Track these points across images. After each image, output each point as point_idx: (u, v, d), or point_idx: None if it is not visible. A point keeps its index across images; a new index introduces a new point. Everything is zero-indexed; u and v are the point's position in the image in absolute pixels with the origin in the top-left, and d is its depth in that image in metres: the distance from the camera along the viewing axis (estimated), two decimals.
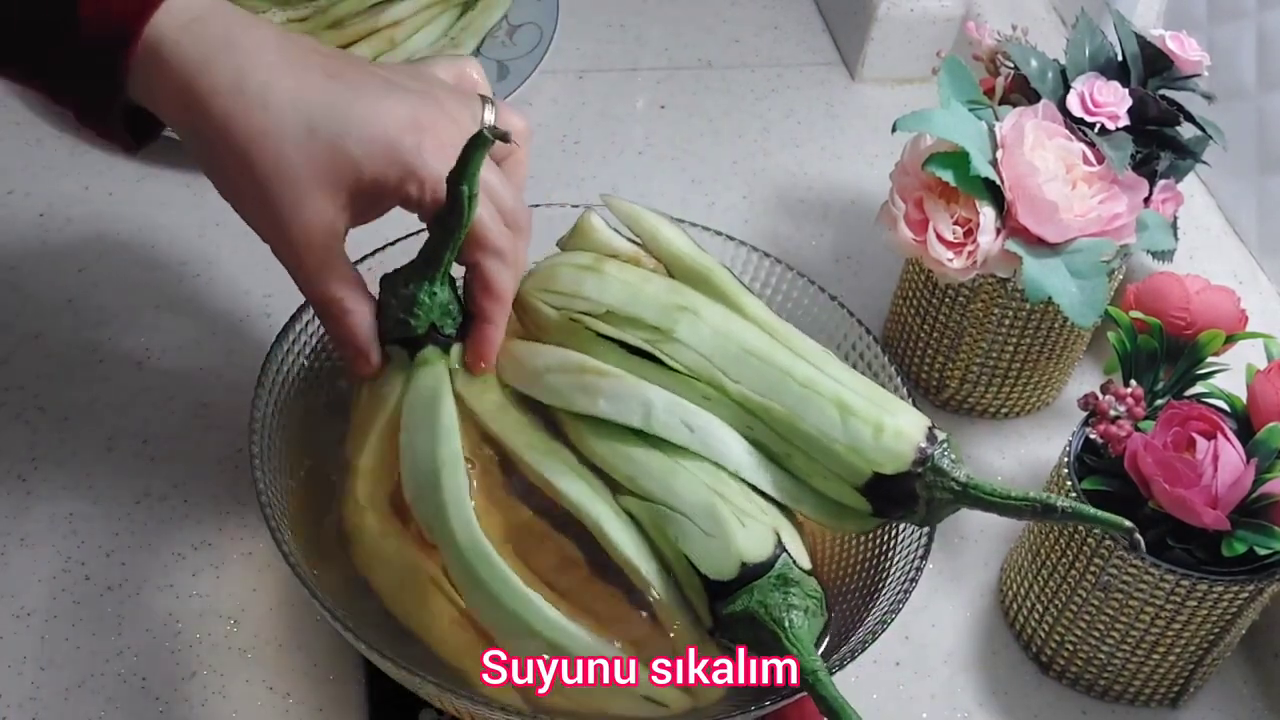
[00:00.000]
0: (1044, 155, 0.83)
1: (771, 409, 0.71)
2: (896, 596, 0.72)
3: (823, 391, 0.71)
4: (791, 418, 0.71)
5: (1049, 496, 0.67)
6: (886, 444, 0.69)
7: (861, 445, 0.70)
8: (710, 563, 0.68)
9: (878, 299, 1.01)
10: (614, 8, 1.23)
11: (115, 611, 0.80)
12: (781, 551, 0.69)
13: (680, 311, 0.73)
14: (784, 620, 0.67)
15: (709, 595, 0.69)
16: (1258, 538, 0.74)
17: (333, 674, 0.79)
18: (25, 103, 1.06)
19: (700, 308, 0.74)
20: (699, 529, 0.69)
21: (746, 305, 0.75)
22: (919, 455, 0.69)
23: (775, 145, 1.13)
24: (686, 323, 0.73)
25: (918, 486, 0.69)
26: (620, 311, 0.74)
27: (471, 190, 0.69)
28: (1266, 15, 0.97)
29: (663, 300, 0.74)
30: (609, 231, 0.78)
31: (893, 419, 0.70)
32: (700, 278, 0.76)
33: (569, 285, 0.75)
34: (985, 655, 0.85)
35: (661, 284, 0.75)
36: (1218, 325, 0.82)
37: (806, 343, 0.74)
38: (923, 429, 0.70)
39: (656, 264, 0.77)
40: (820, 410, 0.70)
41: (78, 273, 0.96)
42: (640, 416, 0.71)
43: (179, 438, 0.88)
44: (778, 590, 0.68)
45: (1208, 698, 0.85)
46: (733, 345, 0.72)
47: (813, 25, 1.24)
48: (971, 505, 0.69)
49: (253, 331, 0.94)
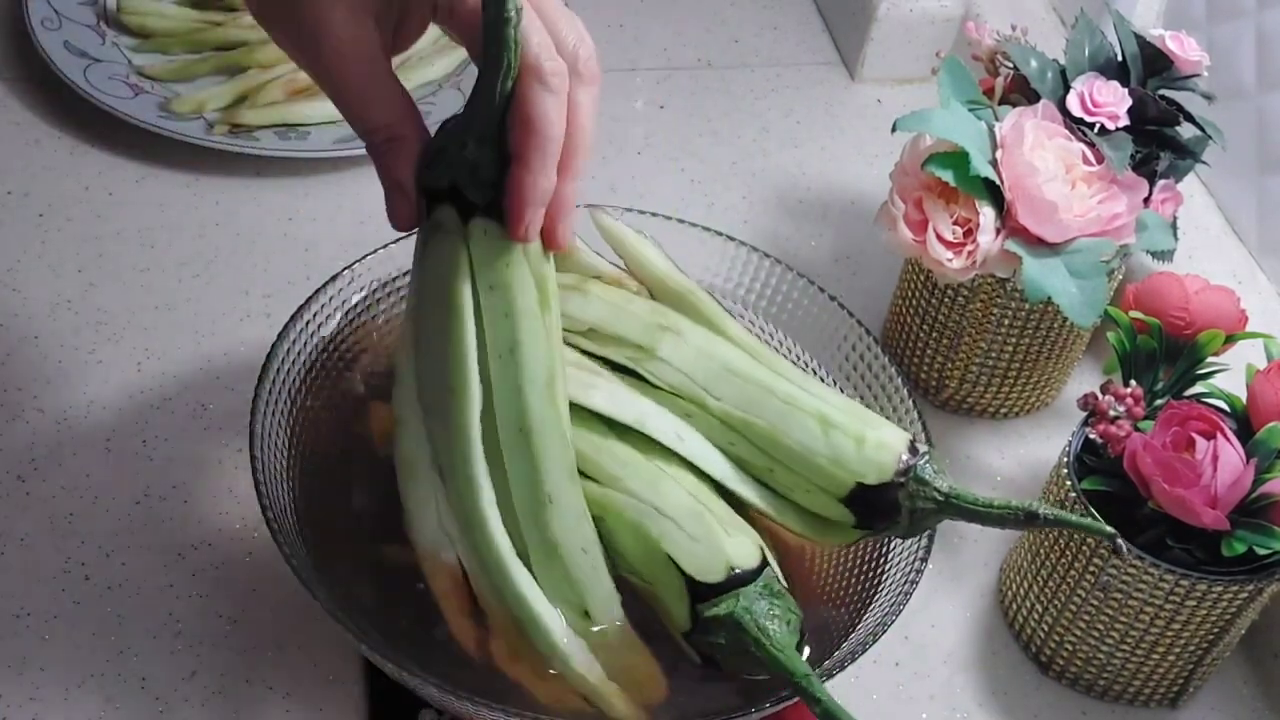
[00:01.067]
0: (1044, 155, 0.83)
1: (753, 424, 0.72)
2: (896, 598, 0.72)
3: (804, 407, 0.72)
4: (773, 433, 0.71)
5: (1031, 504, 0.67)
6: (869, 454, 0.70)
7: (844, 457, 0.70)
8: (697, 564, 0.69)
9: (877, 299, 1.01)
10: (613, 8, 1.23)
11: (115, 611, 0.80)
12: (767, 565, 0.70)
13: (663, 331, 0.74)
14: (767, 629, 0.67)
15: (691, 596, 0.69)
16: (1257, 538, 0.74)
17: (333, 674, 0.79)
18: (25, 103, 1.06)
19: (683, 328, 0.75)
20: (684, 532, 0.69)
21: (729, 328, 0.76)
22: (902, 465, 0.70)
23: (775, 145, 1.13)
24: (669, 342, 0.74)
25: (900, 497, 0.70)
26: (603, 330, 0.74)
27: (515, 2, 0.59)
28: (1266, 15, 0.97)
29: (645, 320, 0.74)
30: (591, 254, 0.78)
31: (875, 431, 0.71)
32: (683, 300, 0.77)
33: None
34: (985, 655, 0.85)
35: (644, 305, 0.76)
36: (1217, 325, 0.82)
37: (786, 364, 0.75)
38: (904, 441, 0.71)
39: (639, 287, 0.78)
40: (802, 424, 0.71)
41: (77, 273, 0.96)
42: (634, 415, 0.72)
43: (179, 438, 0.88)
44: (763, 599, 0.68)
45: (1208, 698, 0.85)
46: (715, 364, 0.73)
47: (812, 25, 1.24)
48: (955, 516, 0.69)
49: (253, 331, 0.94)
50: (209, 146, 1.02)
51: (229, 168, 1.03)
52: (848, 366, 0.81)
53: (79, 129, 1.05)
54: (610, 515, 0.70)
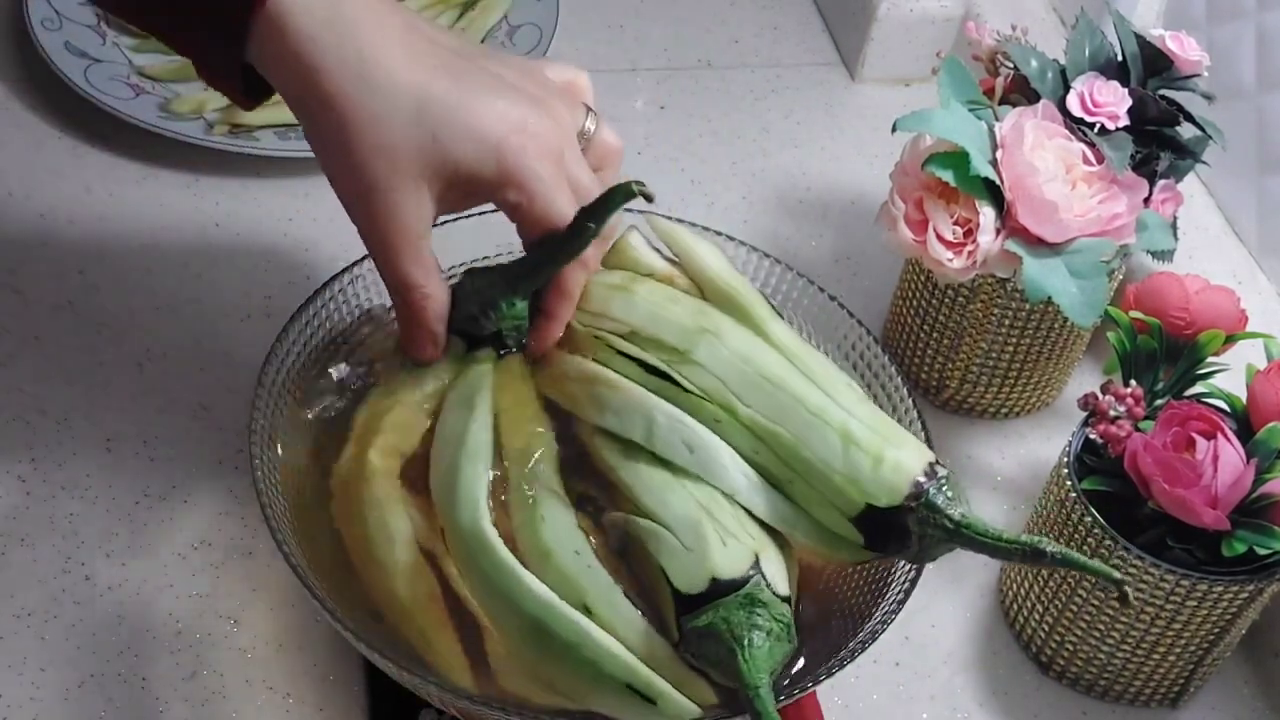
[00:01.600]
0: (1044, 155, 0.83)
1: (779, 434, 0.71)
2: (896, 598, 0.72)
3: (830, 420, 0.71)
4: (796, 444, 0.71)
5: (1039, 541, 0.67)
6: (883, 476, 0.69)
7: (859, 476, 0.70)
8: (682, 576, 0.68)
9: (878, 299, 1.01)
10: (613, 8, 1.23)
11: (115, 611, 0.80)
12: (756, 573, 0.68)
13: (702, 334, 0.74)
14: (744, 639, 0.66)
15: (677, 608, 0.68)
16: (1258, 538, 0.74)
17: (333, 674, 0.79)
18: (26, 104, 1.06)
19: (724, 330, 0.74)
20: (679, 543, 0.69)
21: (772, 331, 0.75)
22: (913, 490, 0.69)
23: (775, 145, 1.13)
24: (706, 345, 0.74)
25: (910, 522, 0.69)
26: (643, 332, 0.75)
27: (598, 231, 0.70)
28: (1266, 15, 0.97)
29: (686, 323, 0.75)
30: (647, 250, 0.79)
31: (895, 451, 0.70)
32: (730, 300, 0.76)
33: (598, 304, 0.76)
34: (985, 655, 0.85)
35: (689, 305, 0.76)
36: (1217, 325, 0.82)
37: (828, 370, 0.74)
38: (924, 463, 0.70)
39: (690, 285, 0.78)
40: (824, 438, 0.71)
41: (78, 274, 0.96)
42: (643, 433, 0.72)
43: (179, 438, 0.88)
44: (743, 609, 0.67)
45: (1208, 698, 0.85)
46: (750, 370, 0.73)
47: (812, 25, 1.24)
48: (964, 545, 0.69)
49: (253, 331, 0.94)
50: (209, 146, 1.02)
51: (229, 168, 1.03)
52: (848, 366, 0.81)
53: (80, 130, 1.05)
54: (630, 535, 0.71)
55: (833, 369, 0.74)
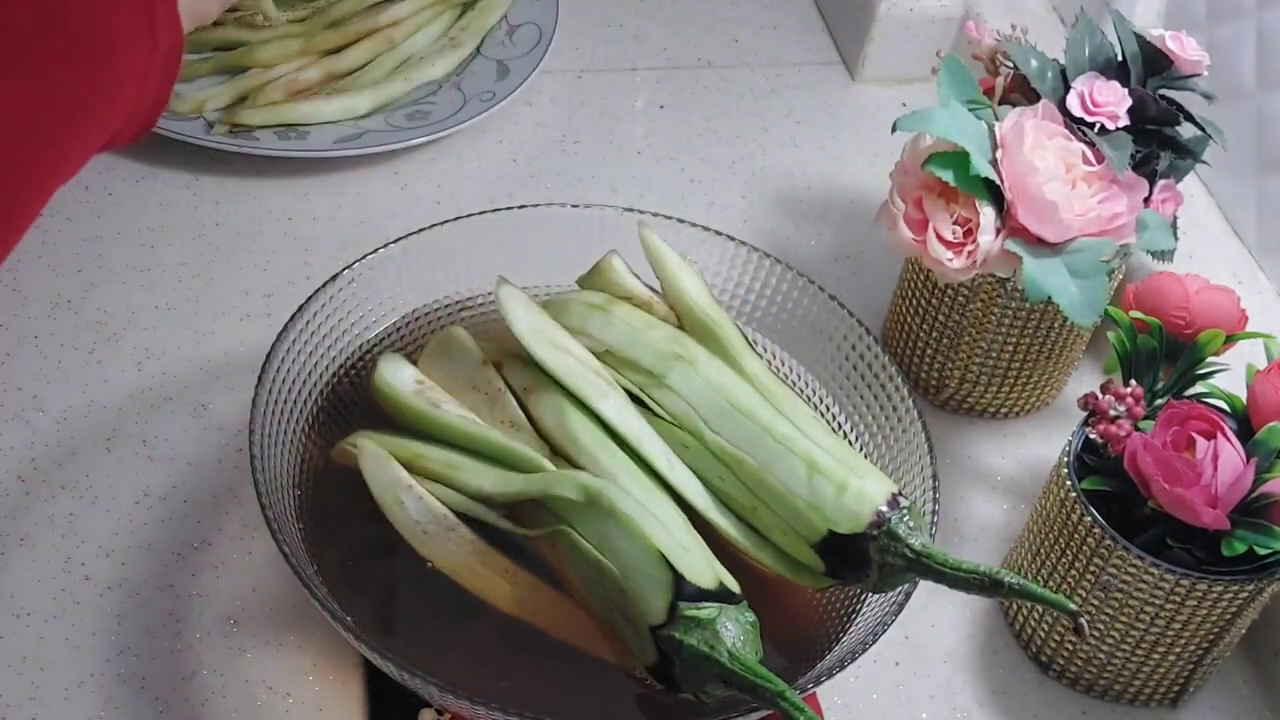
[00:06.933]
0: (1044, 155, 0.83)
1: (744, 461, 0.73)
2: (897, 599, 0.72)
3: (795, 449, 0.72)
4: (761, 472, 0.72)
5: (997, 571, 0.67)
6: (846, 504, 0.70)
7: (822, 503, 0.71)
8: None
9: (877, 299, 1.01)
10: (613, 7, 1.23)
11: (115, 611, 0.80)
12: (721, 586, 0.68)
13: (676, 360, 0.75)
14: (723, 648, 0.66)
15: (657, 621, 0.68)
16: (1257, 537, 0.74)
17: (333, 674, 0.79)
18: None
19: (698, 359, 0.76)
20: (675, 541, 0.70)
21: (745, 363, 0.76)
22: (875, 518, 0.70)
23: (774, 145, 1.13)
24: (680, 371, 0.75)
25: (871, 549, 0.70)
26: (619, 353, 0.76)
27: None
28: (1266, 15, 0.97)
29: (661, 348, 0.76)
30: (628, 275, 0.80)
31: (858, 481, 0.71)
32: (707, 330, 0.77)
33: (576, 321, 0.77)
34: (985, 655, 0.85)
35: (665, 332, 0.77)
36: (1217, 325, 0.82)
37: (797, 404, 0.75)
38: (886, 493, 0.71)
39: (668, 313, 0.79)
40: (789, 466, 0.72)
41: (77, 273, 0.96)
42: (634, 433, 0.73)
43: (179, 438, 0.88)
44: (709, 623, 0.67)
45: (1208, 698, 0.85)
46: (720, 398, 0.74)
47: (812, 25, 1.24)
48: (924, 575, 0.69)
49: (253, 331, 0.94)
50: (209, 146, 1.02)
51: (229, 168, 1.03)
52: (848, 366, 0.81)
53: None
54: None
55: (800, 404, 0.75)
